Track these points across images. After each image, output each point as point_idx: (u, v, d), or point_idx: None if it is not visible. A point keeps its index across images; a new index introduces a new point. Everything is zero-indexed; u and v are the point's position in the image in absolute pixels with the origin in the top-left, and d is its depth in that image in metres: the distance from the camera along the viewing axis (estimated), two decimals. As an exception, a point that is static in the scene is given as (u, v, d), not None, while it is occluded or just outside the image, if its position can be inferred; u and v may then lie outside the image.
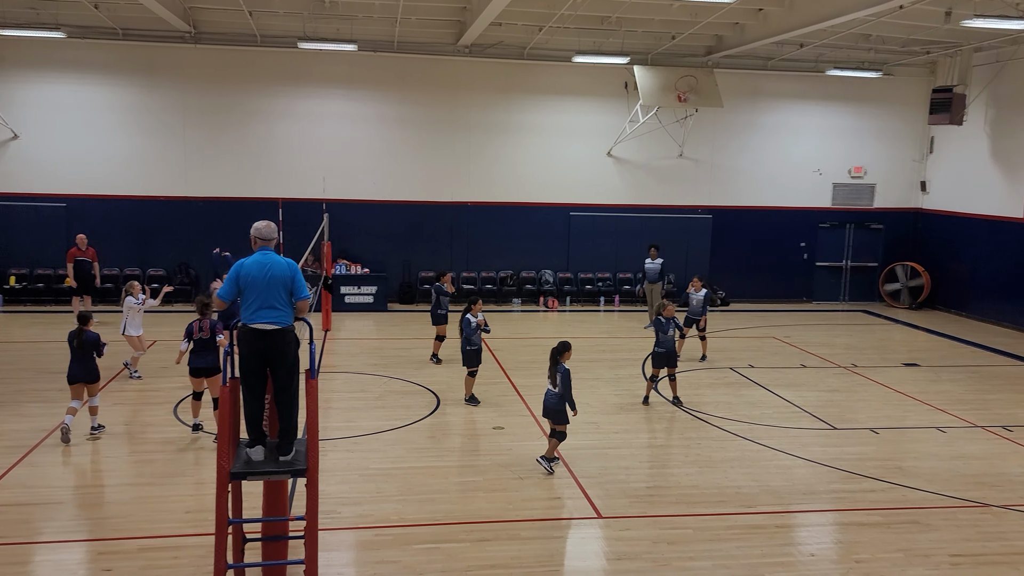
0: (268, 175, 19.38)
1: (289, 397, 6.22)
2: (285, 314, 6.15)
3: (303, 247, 15.41)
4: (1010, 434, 11.15)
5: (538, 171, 20.40)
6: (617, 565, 7.25)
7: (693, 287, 14.93)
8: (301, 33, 17.99)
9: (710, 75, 19.49)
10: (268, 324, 6.08)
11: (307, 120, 19.47)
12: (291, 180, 19.38)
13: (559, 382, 9.24)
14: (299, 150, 19.47)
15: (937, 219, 21.25)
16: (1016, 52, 18.32)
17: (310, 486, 5.97)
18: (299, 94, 19.39)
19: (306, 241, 15.93)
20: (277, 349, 6.10)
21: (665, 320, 12.03)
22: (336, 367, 14.07)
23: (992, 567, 7.33)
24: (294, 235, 17.15)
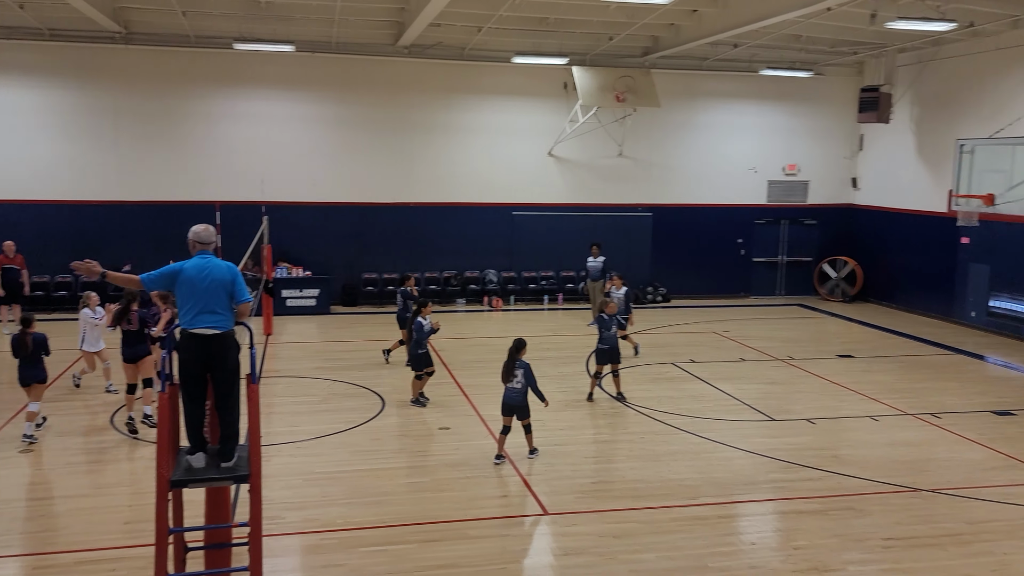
0: (205, 178, 19.01)
1: (230, 403, 6.14)
2: (226, 318, 6.06)
3: (242, 251, 15.16)
4: (938, 421, 11.58)
5: (481, 171, 20.44)
6: (565, 561, 7.33)
7: (614, 285, 14.89)
8: (237, 34, 17.70)
9: (647, 75, 19.78)
10: (209, 329, 5.99)
11: (245, 122, 19.17)
12: (229, 183, 19.04)
13: (522, 377, 9.53)
14: (237, 152, 19.15)
15: (868, 214, 21.93)
16: (937, 53, 19.02)
17: (253, 492, 5.90)
18: (236, 95, 19.08)
19: (245, 245, 15.66)
20: (218, 354, 6.02)
21: (608, 317, 12.18)
22: (279, 371, 13.89)
23: (922, 549, 7.61)
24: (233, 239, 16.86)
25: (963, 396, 12.90)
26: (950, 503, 8.69)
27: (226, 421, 6.13)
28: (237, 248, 15.52)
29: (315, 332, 17.39)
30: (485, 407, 11.87)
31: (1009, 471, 9.64)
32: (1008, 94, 17.09)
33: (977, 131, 17.09)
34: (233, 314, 6.16)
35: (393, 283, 20.19)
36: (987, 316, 18.04)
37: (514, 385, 9.61)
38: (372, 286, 20.17)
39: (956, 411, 12.04)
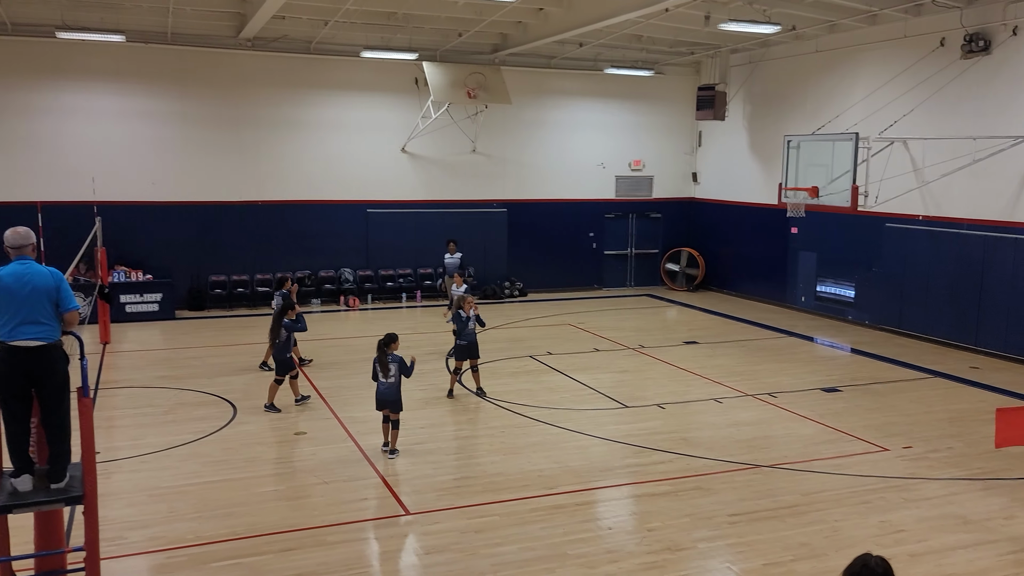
0: (26, 177, 17.52)
1: (59, 419, 5.70)
2: (51, 329, 5.62)
3: (72, 254, 14.18)
4: (775, 400, 12.37)
5: (332, 168, 19.99)
6: (427, 559, 7.30)
7: (455, 283, 14.75)
8: (59, 22, 16.45)
9: (497, 72, 19.98)
10: (31, 341, 5.54)
11: (71, 116, 17.85)
12: (54, 182, 17.67)
13: (396, 371, 9.80)
14: (63, 149, 17.81)
15: (708, 207, 23.11)
16: (765, 54, 20.29)
17: (88, 513, 5.52)
18: (61, 88, 17.72)
19: (75, 248, 14.65)
20: (43, 368, 5.57)
21: (464, 315, 12.23)
22: (118, 382, 13.08)
23: (763, 522, 8.10)
24: (60, 242, 15.78)
25: (796, 376, 13.84)
26: (787, 477, 9.30)
27: (55, 439, 5.70)
28: (67, 252, 14.51)
29: (158, 339, 16.48)
30: (344, 410, 11.65)
31: (837, 444, 10.42)
32: (827, 93, 18.47)
33: (802, 128, 18.36)
34: (60, 324, 5.73)
35: (243, 285, 19.48)
36: (815, 300, 19.45)
37: (388, 380, 9.83)
38: (220, 289, 19.33)
39: (790, 390, 12.90)
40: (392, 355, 9.84)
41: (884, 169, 15.74)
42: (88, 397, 5.57)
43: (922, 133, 15.90)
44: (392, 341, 9.88)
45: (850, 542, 7.60)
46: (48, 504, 5.62)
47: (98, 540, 5.57)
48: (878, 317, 17.65)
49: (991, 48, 14.78)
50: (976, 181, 15.26)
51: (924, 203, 16.37)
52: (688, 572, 7.14)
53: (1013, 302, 14.74)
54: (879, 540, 7.69)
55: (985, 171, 14.97)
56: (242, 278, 19.53)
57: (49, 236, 16.40)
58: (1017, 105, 14.48)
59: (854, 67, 17.81)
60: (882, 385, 13.28)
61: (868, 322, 17.93)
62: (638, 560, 7.28)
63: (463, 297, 12.53)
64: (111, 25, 16.78)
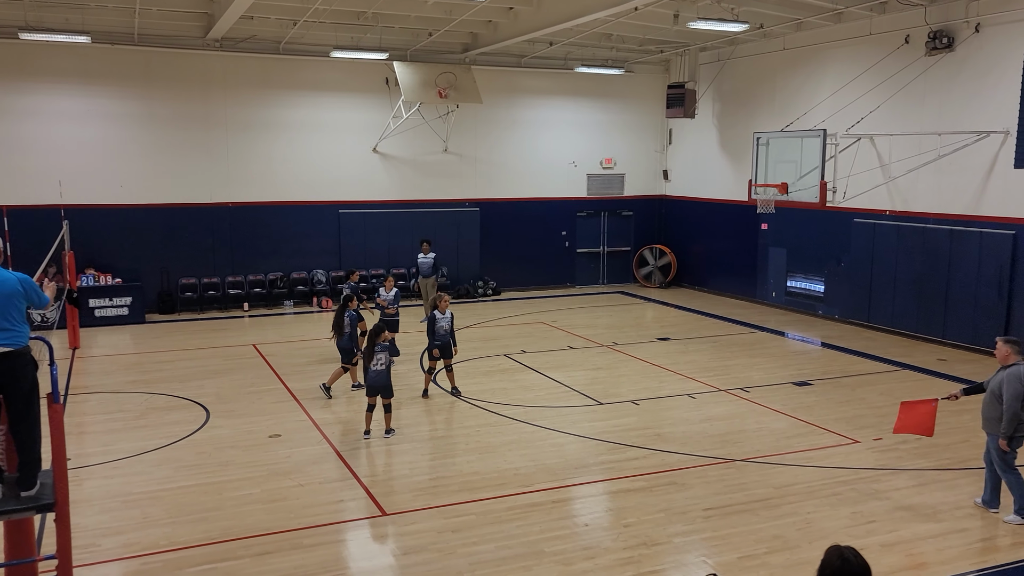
0: (-9, 181, 17.29)
1: (28, 426, 5.62)
2: (18, 334, 5.54)
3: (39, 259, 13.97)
4: (747, 395, 12.50)
5: (303, 169, 19.86)
6: (404, 560, 7.30)
7: (384, 287, 14.45)
8: (22, 23, 16.18)
9: (468, 72, 19.97)
10: None
11: (37, 119, 17.57)
12: (19, 185, 17.37)
13: (386, 360, 10.36)
14: (28, 152, 17.51)
15: (679, 204, 23.27)
16: (734, 52, 20.47)
17: (60, 520, 5.45)
18: (25, 90, 17.43)
19: (43, 252, 14.43)
20: (11, 374, 5.49)
21: (440, 315, 12.23)
22: (88, 387, 12.91)
23: (736, 515, 8.20)
24: (28, 246, 15.52)
25: (768, 370, 13.99)
26: (760, 470, 9.41)
27: (24, 446, 5.62)
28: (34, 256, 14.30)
29: (129, 343, 16.28)
30: (318, 411, 11.60)
31: (808, 437, 10.56)
32: (795, 90, 18.69)
33: (770, 125, 18.55)
34: (28, 328, 5.65)
35: (214, 288, 19.31)
36: (785, 296, 19.67)
37: (377, 367, 10.31)
38: (191, 292, 19.13)
39: (762, 384, 13.05)
40: (380, 344, 10.32)
41: (852, 165, 15.96)
42: (59, 403, 5.51)
43: (888, 129, 16.15)
44: (381, 331, 10.40)
45: (822, 534, 7.72)
46: (18, 512, 5.54)
47: (70, 548, 5.52)
48: (847, 311, 17.90)
49: (954, 45, 15.04)
50: (941, 176, 15.53)
51: (891, 198, 16.63)
52: (664, 567, 7.21)
53: (978, 295, 15.02)
54: (851, 531, 7.81)
55: (950, 166, 15.24)
56: (213, 280, 19.34)
57: (15, 241, 16.11)
58: (980, 101, 14.76)
59: (821, 64, 18.04)
60: (852, 378, 13.47)
61: (838, 316, 18.17)
62: (614, 556, 7.34)
63: (439, 296, 12.50)
64: (76, 26, 16.54)
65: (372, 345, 10.31)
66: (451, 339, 12.34)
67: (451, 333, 12.32)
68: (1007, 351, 8.09)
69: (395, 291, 14.45)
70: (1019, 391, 7.85)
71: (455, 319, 12.63)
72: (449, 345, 12.37)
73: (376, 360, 10.34)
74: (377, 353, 10.33)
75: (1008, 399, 7.89)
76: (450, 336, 12.30)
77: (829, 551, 3.61)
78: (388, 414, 10.56)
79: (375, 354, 10.31)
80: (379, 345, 10.33)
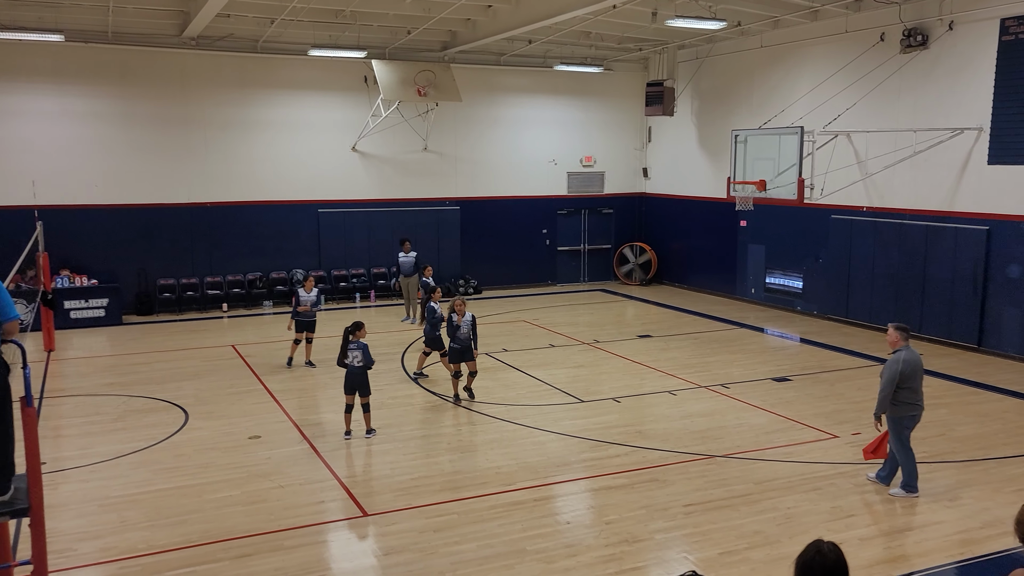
0: (-36, 181, 17.04)
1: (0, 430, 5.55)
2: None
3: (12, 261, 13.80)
4: (727, 391, 12.57)
5: (282, 168, 19.74)
6: (386, 560, 7.27)
7: (304, 288, 14.18)
8: (-6, 21, 15.99)
9: (447, 70, 19.93)
10: (-30, 351, 5.38)
11: (10, 118, 17.35)
12: (-7, 186, 17.19)
13: (362, 358, 10.29)
14: (0, 152, 17.29)
15: (658, 202, 23.36)
16: (712, 50, 20.56)
17: (34, 525, 5.38)
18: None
19: (16, 254, 14.25)
20: (-18, 378, 5.42)
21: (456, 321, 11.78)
22: (64, 390, 12.76)
23: (717, 511, 8.24)
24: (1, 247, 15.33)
25: (747, 366, 14.08)
26: (740, 466, 9.46)
27: (-2, 451, 5.54)
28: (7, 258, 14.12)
29: (106, 345, 16.11)
30: (298, 412, 11.53)
31: (788, 432, 10.63)
32: (773, 88, 18.80)
33: (748, 122, 18.67)
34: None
35: (192, 288, 19.15)
36: (764, 292, 19.80)
37: (354, 364, 10.31)
38: (169, 293, 18.96)
39: (742, 381, 13.12)
40: (357, 342, 10.33)
41: (829, 162, 16.08)
42: (32, 407, 5.43)
43: (864, 126, 16.29)
44: (358, 328, 10.40)
45: (802, 528, 7.77)
46: (-8, 518, 5.47)
47: (46, 553, 5.45)
48: (825, 307, 18.04)
49: (929, 43, 15.19)
50: (917, 172, 15.68)
51: (868, 195, 16.78)
52: (646, 563, 7.23)
53: (954, 290, 15.19)
54: (830, 525, 7.87)
55: (925, 162, 15.40)
56: (191, 281, 19.18)
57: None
58: (954, 98, 14.91)
59: (798, 62, 18.16)
60: (830, 373, 13.58)
61: (816, 312, 18.31)
62: (596, 553, 7.35)
63: (457, 299, 12.09)
64: (49, 24, 16.34)
65: (346, 343, 10.33)
66: (472, 344, 11.91)
67: (472, 338, 11.91)
68: (896, 337, 8.55)
69: (315, 291, 14.24)
70: (895, 375, 8.33)
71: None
72: (469, 348, 11.91)
73: (352, 358, 10.33)
74: (352, 351, 10.32)
75: (884, 381, 8.40)
76: (471, 341, 11.90)
77: (808, 546, 3.64)
78: (367, 413, 10.53)
79: (350, 352, 10.31)
80: (354, 343, 10.34)
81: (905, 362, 8.39)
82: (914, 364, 8.45)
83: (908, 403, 8.45)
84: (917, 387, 8.49)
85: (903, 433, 8.52)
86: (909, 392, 8.44)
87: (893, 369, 8.37)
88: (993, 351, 14.67)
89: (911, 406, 8.47)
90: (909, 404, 8.45)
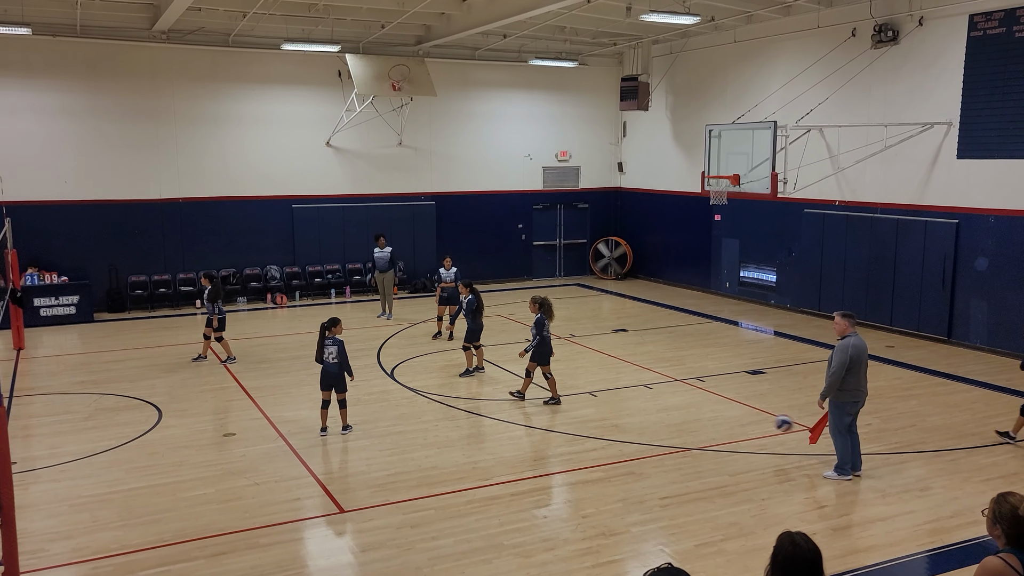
0: (-72, 177, 16.73)
1: (-29, 431, 5.47)
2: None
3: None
4: (702, 384, 12.67)
5: (255, 163, 19.57)
6: (363, 557, 7.25)
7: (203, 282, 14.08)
8: (-42, 13, 15.68)
9: (422, 64, 19.85)
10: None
11: (-25, 113, 17.06)
12: (-41, 182, 16.88)
13: (336, 355, 10.26)
14: (-33, 147, 17.02)
15: (634, 196, 23.44)
16: (686, 45, 20.65)
17: (5, 526, 5.32)
18: (-38, 83, 16.91)
19: (-16, 251, 14.03)
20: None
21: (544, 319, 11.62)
22: (34, 389, 12.58)
23: (693, 504, 8.30)
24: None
25: (722, 360, 14.19)
26: (715, 458, 9.54)
27: (-33, 452, 5.46)
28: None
29: (76, 343, 15.90)
30: (273, 409, 11.46)
31: (762, 424, 10.73)
32: (746, 83, 18.93)
33: (722, 117, 18.78)
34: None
35: (165, 285, 18.96)
36: (739, 286, 19.95)
37: (330, 360, 10.29)
38: (141, 289, 18.74)
39: (717, 373, 13.22)
40: (332, 338, 10.30)
41: (802, 156, 16.23)
42: (1, 406, 5.36)
43: (836, 121, 16.45)
44: (333, 325, 10.35)
45: (777, 519, 7.86)
46: (-39, 519, 5.39)
47: (17, 554, 5.38)
48: (799, 300, 18.22)
49: (899, 38, 15.37)
50: (887, 167, 15.88)
51: (840, 189, 16.96)
52: (622, 556, 7.27)
53: (923, 283, 15.40)
54: (804, 516, 7.97)
55: (896, 157, 15.59)
56: (164, 278, 18.98)
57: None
58: (924, 92, 15.10)
59: (771, 57, 18.30)
60: (804, 366, 13.73)
61: (789, 305, 18.49)
62: (573, 547, 7.38)
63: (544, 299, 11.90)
64: (15, 17, 16.03)
65: (323, 339, 10.28)
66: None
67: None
68: (844, 324, 8.81)
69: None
70: (844, 360, 8.56)
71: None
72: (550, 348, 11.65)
73: (327, 354, 10.29)
74: (328, 347, 10.28)
75: (835, 366, 8.61)
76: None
77: (781, 538, 3.68)
78: (343, 409, 10.49)
79: (326, 348, 10.28)
80: (330, 339, 10.30)
81: (854, 347, 8.62)
82: (861, 350, 8.69)
83: (852, 389, 8.68)
84: (862, 374, 8.72)
85: (843, 419, 8.75)
86: (854, 379, 8.66)
87: (844, 354, 8.57)
88: (962, 343, 14.91)
89: (855, 392, 8.70)
90: (852, 391, 8.69)
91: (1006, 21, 13.75)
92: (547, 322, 11.65)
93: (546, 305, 11.74)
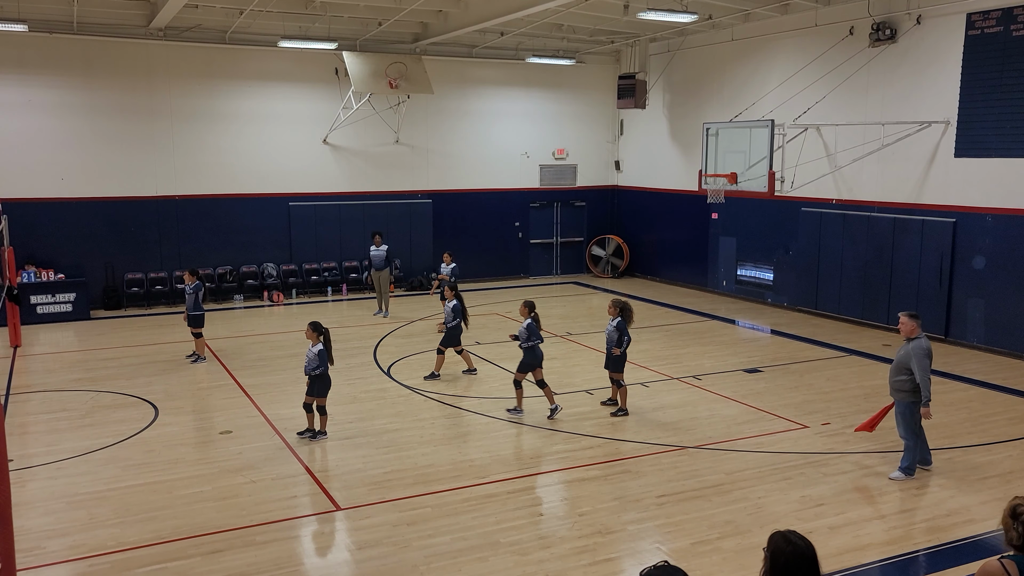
0: (-76, 174, 16.68)
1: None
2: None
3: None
4: (699, 382, 12.67)
5: (252, 161, 19.53)
6: (359, 555, 7.25)
7: (186, 280, 13.87)
8: (-46, 9, 15.63)
9: (419, 62, 19.82)
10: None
11: (-30, 110, 17.01)
12: (-45, 179, 16.83)
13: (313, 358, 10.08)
14: (-37, 144, 16.97)
15: (631, 195, 23.44)
16: (683, 43, 20.65)
17: (2, 523, 5.30)
18: (-43, 80, 16.86)
19: (-20, 248, 13.99)
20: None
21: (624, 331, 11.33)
22: (31, 386, 12.55)
23: (690, 502, 8.31)
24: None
25: (719, 358, 14.19)
26: (711, 457, 9.55)
27: (-37, 449, 5.45)
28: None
29: (73, 340, 15.87)
30: (269, 406, 11.44)
31: (759, 423, 10.74)
32: (743, 81, 18.93)
33: (719, 115, 18.78)
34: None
35: (161, 283, 18.93)
36: (736, 284, 19.96)
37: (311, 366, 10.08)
38: (137, 287, 18.72)
39: (714, 372, 13.23)
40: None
41: (799, 155, 16.23)
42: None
43: (833, 119, 16.46)
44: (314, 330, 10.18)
45: (773, 518, 7.86)
46: (-43, 517, 5.38)
47: (13, 551, 5.37)
48: (795, 299, 18.24)
49: (897, 36, 15.38)
50: (885, 165, 15.89)
51: (837, 187, 16.97)
52: (619, 554, 7.28)
53: (920, 281, 15.42)
54: (800, 515, 7.98)
55: (893, 155, 15.60)
56: (160, 275, 18.96)
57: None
58: (921, 91, 15.12)
59: (769, 55, 18.30)
60: (800, 364, 13.74)
61: (786, 304, 18.50)
62: (570, 545, 7.38)
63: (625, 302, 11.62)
64: (11, 14, 16.00)
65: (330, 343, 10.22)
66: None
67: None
68: (912, 325, 8.85)
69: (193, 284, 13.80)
70: (926, 362, 8.61)
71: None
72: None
73: None
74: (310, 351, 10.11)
75: (919, 371, 8.61)
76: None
77: (774, 539, 3.65)
78: (323, 416, 10.16)
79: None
80: None
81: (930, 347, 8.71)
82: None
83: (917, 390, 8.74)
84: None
85: (917, 418, 8.77)
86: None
87: (928, 356, 8.63)
88: (959, 341, 14.93)
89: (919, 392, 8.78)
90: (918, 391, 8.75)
91: (1004, 20, 13.77)
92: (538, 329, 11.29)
93: (627, 309, 11.30)
